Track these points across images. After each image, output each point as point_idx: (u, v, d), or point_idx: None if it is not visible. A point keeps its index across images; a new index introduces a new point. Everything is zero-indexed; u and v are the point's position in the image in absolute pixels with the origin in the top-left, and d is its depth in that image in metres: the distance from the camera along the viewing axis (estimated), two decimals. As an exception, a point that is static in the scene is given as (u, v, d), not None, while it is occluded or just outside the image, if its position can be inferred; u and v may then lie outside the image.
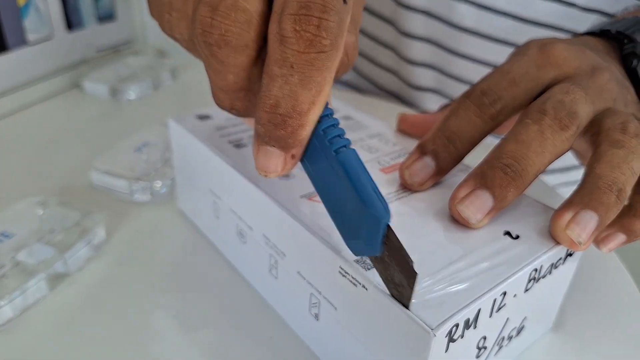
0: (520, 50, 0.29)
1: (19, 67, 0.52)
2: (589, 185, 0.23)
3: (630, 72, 0.31)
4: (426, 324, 0.19)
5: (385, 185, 0.27)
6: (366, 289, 0.21)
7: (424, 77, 0.56)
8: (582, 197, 0.23)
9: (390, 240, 0.19)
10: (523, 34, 0.47)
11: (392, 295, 0.20)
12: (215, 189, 0.31)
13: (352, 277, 0.22)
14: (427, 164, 0.26)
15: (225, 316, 0.29)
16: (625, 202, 0.25)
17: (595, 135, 0.25)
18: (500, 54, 0.48)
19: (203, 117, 0.33)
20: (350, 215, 0.20)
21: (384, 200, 0.19)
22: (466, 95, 0.27)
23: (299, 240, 0.24)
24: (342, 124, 0.32)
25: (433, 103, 0.58)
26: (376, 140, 0.32)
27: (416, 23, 0.53)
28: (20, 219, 0.33)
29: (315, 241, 0.23)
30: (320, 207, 0.23)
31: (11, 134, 0.48)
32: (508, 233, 0.24)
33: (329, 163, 0.20)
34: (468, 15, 0.49)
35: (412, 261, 0.18)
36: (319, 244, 0.23)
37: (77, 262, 0.32)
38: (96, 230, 0.33)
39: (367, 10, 0.58)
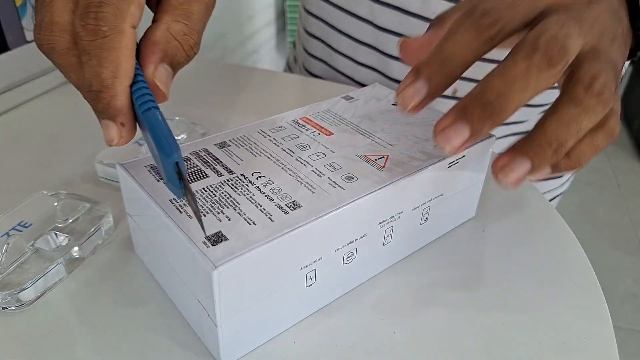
0: None
1: (20, 64, 0.55)
2: (533, 136, 0.26)
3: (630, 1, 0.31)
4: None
5: None
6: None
7: (404, 70, 0.59)
8: (522, 145, 0.26)
9: (184, 181, 0.25)
10: None
11: (201, 225, 0.26)
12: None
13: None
14: (420, 88, 0.27)
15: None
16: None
17: (567, 80, 0.27)
18: None
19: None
20: (160, 163, 0.26)
21: (176, 146, 0.25)
22: (467, 15, 0.27)
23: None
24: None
25: None
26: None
27: (391, 19, 0.56)
28: (35, 210, 0.36)
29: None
30: None
31: (15, 128, 0.51)
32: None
33: (142, 124, 0.26)
34: (441, 10, 0.52)
35: (195, 196, 0.26)
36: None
37: (90, 248, 0.35)
38: (105, 219, 0.36)
39: (344, 10, 0.60)
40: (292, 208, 0.28)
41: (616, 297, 1.47)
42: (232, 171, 0.31)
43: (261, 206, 0.28)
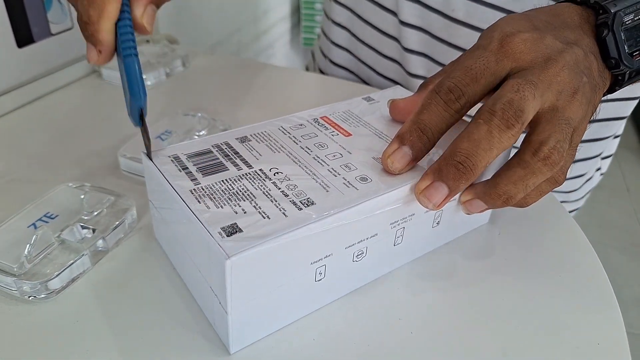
0: (484, 41, 0.33)
1: (45, 56, 0.55)
2: (488, 187, 0.31)
3: (600, 41, 0.34)
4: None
5: None
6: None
7: (419, 65, 0.60)
8: (481, 192, 0.32)
9: (143, 119, 0.32)
10: None
11: (146, 153, 0.32)
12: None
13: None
14: (406, 152, 0.31)
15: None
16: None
17: (525, 137, 0.31)
18: None
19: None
20: (127, 99, 0.31)
21: (144, 92, 0.30)
22: (436, 91, 0.31)
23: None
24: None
25: None
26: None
27: (412, 12, 0.56)
28: (61, 202, 0.37)
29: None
30: None
31: (38, 120, 0.52)
32: None
33: (121, 63, 0.31)
34: (459, 7, 0.53)
35: (148, 133, 0.32)
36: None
37: (115, 240, 0.36)
38: (129, 212, 0.37)
39: (372, 1, 0.61)
40: (305, 205, 0.29)
41: (624, 302, 1.47)
42: (251, 165, 0.32)
43: (276, 201, 0.29)
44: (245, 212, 0.28)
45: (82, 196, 0.37)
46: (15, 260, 0.32)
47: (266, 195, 0.30)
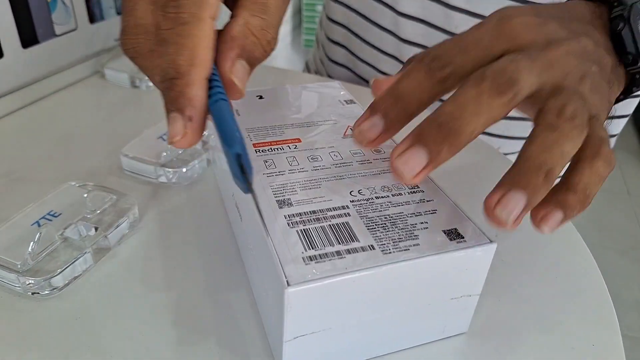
0: (484, 20, 0.30)
1: (49, 57, 0.56)
2: (519, 166, 0.25)
3: (615, 36, 0.31)
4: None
5: None
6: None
7: None
8: (512, 178, 0.25)
9: (246, 174, 0.24)
10: None
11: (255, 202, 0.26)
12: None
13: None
14: (375, 122, 0.28)
15: (238, 274, 0.34)
16: (557, 181, 0.26)
17: (538, 113, 0.27)
18: None
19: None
20: (226, 158, 0.25)
21: (241, 138, 0.24)
22: (419, 59, 0.28)
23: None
24: None
25: None
26: None
27: (414, 30, 0.56)
28: (64, 200, 0.38)
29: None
30: None
31: (42, 119, 0.52)
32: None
33: (211, 115, 0.25)
34: (462, 23, 0.53)
35: (255, 193, 0.26)
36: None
37: (117, 238, 0.36)
38: (131, 211, 0.38)
39: (368, 20, 0.61)
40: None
41: (623, 305, 1.47)
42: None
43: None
44: None
45: (85, 195, 0.38)
46: (19, 257, 0.32)
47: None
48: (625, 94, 0.33)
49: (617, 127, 0.63)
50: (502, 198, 0.24)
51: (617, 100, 0.33)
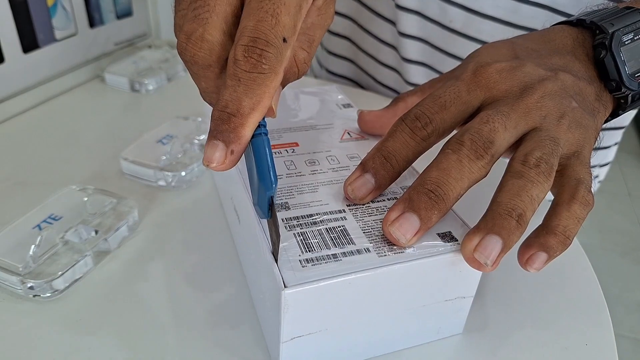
0: (458, 71, 0.32)
1: (49, 62, 0.57)
2: (492, 212, 0.27)
3: (598, 63, 0.33)
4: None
5: None
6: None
7: (418, 74, 0.61)
8: (486, 223, 0.27)
9: (273, 209, 0.27)
10: (509, 36, 0.52)
11: (272, 250, 0.27)
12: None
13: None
14: (367, 180, 0.30)
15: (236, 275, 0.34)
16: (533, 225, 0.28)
17: (509, 160, 0.29)
18: None
19: None
20: (254, 186, 0.27)
21: (276, 179, 0.26)
22: (402, 119, 0.30)
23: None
24: None
25: None
26: None
27: (411, 23, 0.57)
28: (65, 204, 0.38)
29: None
30: None
31: (42, 124, 0.53)
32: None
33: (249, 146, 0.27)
34: (457, 18, 0.54)
35: (279, 227, 0.26)
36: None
37: (117, 241, 0.37)
38: (131, 214, 0.38)
39: (371, 10, 0.62)
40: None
41: (624, 306, 1.47)
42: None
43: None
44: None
45: (86, 198, 0.38)
46: (20, 260, 0.33)
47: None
48: (613, 116, 0.34)
49: (616, 136, 0.64)
50: (480, 244, 0.27)
51: (605, 121, 0.34)
